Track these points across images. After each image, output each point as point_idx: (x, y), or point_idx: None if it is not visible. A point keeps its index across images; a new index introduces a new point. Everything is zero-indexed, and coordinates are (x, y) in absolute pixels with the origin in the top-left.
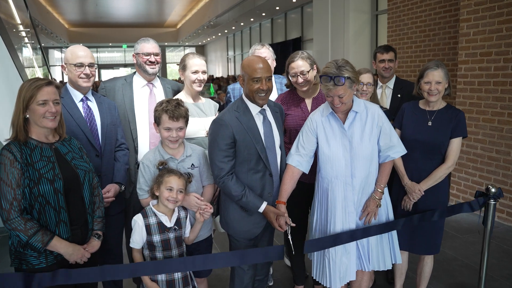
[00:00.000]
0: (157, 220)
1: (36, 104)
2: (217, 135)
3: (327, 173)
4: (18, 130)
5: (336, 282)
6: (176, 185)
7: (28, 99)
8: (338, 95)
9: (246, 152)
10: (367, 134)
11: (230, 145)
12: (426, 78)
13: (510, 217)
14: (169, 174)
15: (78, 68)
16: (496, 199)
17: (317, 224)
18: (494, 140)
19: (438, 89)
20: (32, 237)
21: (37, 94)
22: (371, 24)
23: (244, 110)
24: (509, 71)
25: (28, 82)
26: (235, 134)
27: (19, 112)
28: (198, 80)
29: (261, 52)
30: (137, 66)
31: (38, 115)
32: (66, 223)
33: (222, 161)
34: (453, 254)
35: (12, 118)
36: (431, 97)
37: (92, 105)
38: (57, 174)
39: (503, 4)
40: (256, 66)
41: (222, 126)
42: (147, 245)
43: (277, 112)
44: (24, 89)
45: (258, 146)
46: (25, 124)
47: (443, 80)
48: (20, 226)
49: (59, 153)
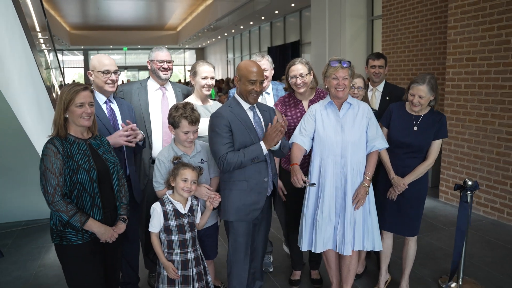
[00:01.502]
0: (173, 208)
1: (74, 106)
2: (215, 126)
3: (321, 153)
4: (59, 127)
5: (320, 247)
6: (190, 176)
7: (68, 102)
8: (343, 77)
9: (241, 139)
10: (358, 122)
11: (228, 132)
12: (411, 90)
13: (493, 211)
14: (184, 167)
15: (105, 74)
16: (472, 191)
17: (309, 199)
18: (479, 139)
19: (420, 102)
20: (72, 217)
21: (75, 98)
22: (367, 29)
23: (236, 105)
24: (492, 75)
25: (67, 87)
26: (231, 123)
27: (60, 112)
28: (207, 85)
29: (261, 63)
30: (151, 72)
31: (76, 115)
32: (99, 207)
33: (224, 145)
34: (439, 244)
35: (54, 118)
36: (414, 107)
37: (114, 107)
38: (92, 165)
39: (486, 13)
40: (252, 70)
41: (218, 118)
42: (164, 229)
43: (265, 111)
44: (64, 94)
45: (251, 134)
46: (65, 122)
47: (427, 95)
48: (62, 207)
49: (93, 147)
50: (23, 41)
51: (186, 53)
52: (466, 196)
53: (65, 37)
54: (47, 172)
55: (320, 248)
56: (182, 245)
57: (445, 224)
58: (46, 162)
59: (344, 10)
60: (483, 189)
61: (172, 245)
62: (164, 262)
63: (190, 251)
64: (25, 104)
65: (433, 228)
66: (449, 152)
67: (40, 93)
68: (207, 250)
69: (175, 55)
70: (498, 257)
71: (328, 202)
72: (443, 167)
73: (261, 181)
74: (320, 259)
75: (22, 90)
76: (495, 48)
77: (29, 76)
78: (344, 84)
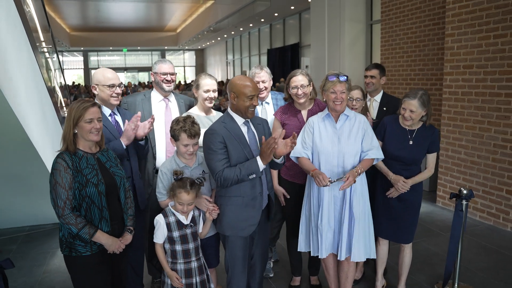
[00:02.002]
0: (176, 219)
1: (84, 122)
2: (210, 142)
3: (318, 163)
4: (69, 143)
5: (322, 252)
6: (186, 200)
7: (78, 118)
8: (340, 91)
9: (236, 156)
10: (354, 134)
11: (223, 148)
12: (403, 104)
13: (490, 216)
14: (180, 190)
15: (110, 88)
16: (467, 200)
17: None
18: (476, 146)
19: (411, 116)
20: (81, 230)
21: (85, 114)
22: (366, 33)
23: (230, 121)
24: (488, 83)
25: (76, 103)
26: (225, 139)
27: (69, 128)
28: (209, 97)
29: (260, 75)
30: (155, 84)
31: (85, 131)
32: (107, 219)
33: (220, 161)
34: (436, 249)
35: (63, 133)
36: (406, 122)
37: (118, 119)
38: (100, 179)
39: (482, 22)
40: (249, 85)
41: (213, 134)
42: (168, 240)
43: (259, 124)
44: (73, 110)
45: (245, 150)
46: (74, 137)
47: (418, 109)
48: (72, 220)
49: (100, 162)
50: (29, 50)
51: (185, 54)
52: (461, 204)
53: (65, 39)
54: (57, 186)
55: (323, 253)
56: (186, 254)
57: (442, 229)
58: (56, 177)
59: (343, 14)
60: (480, 195)
61: (175, 255)
62: (168, 272)
63: (194, 260)
64: (32, 115)
65: (430, 233)
66: (447, 157)
67: (46, 105)
68: (209, 258)
69: (175, 56)
70: (493, 262)
71: (327, 210)
72: (441, 172)
73: (256, 196)
74: (319, 265)
75: (28, 100)
76: (491, 57)
77: (35, 86)
78: (341, 97)
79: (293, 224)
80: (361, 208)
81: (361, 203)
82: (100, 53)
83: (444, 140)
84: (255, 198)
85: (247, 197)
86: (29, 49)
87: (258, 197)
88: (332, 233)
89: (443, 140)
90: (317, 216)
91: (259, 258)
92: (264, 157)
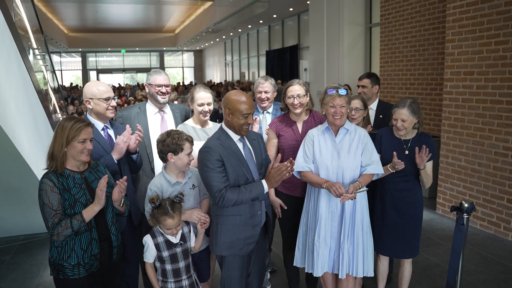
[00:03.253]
0: (165, 239)
1: (77, 141)
2: (207, 161)
3: None
4: (59, 164)
5: (318, 270)
6: (172, 225)
7: (72, 138)
8: (340, 105)
9: (234, 174)
10: (354, 149)
11: (221, 166)
12: (394, 115)
13: (490, 225)
14: (164, 218)
15: (106, 101)
16: (468, 213)
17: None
18: (476, 153)
19: (404, 125)
20: (73, 226)
21: (79, 134)
22: (365, 36)
23: (226, 137)
24: (489, 90)
25: (69, 122)
26: (222, 157)
27: (61, 147)
28: (203, 111)
29: (264, 85)
30: (149, 95)
31: (77, 151)
32: (97, 240)
33: (220, 180)
34: (436, 260)
35: (53, 152)
36: (399, 131)
37: (111, 133)
38: (89, 199)
39: (483, 28)
40: (244, 103)
41: (209, 152)
42: (158, 259)
43: (254, 139)
44: (67, 129)
45: (243, 167)
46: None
47: (409, 118)
48: (60, 229)
49: (87, 181)
50: (18, 59)
51: (184, 55)
52: (463, 218)
53: (63, 40)
54: (45, 207)
55: (319, 272)
56: (176, 273)
57: (442, 238)
58: (43, 197)
59: (342, 17)
60: (480, 203)
61: (166, 274)
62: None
63: (184, 279)
64: (22, 128)
65: (430, 242)
66: (447, 164)
67: (37, 115)
68: (202, 273)
69: (174, 57)
70: (494, 274)
71: (324, 226)
72: (440, 179)
73: (255, 215)
74: (316, 279)
75: (19, 112)
76: (492, 63)
77: (25, 96)
78: (341, 112)
79: (288, 237)
80: (360, 224)
81: (360, 219)
82: (98, 54)
83: (444, 147)
84: (253, 216)
85: (246, 216)
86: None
87: (257, 215)
88: (328, 251)
89: (443, 147)
90: (314, 232)
91: (256, 276)
92: (272, 182)
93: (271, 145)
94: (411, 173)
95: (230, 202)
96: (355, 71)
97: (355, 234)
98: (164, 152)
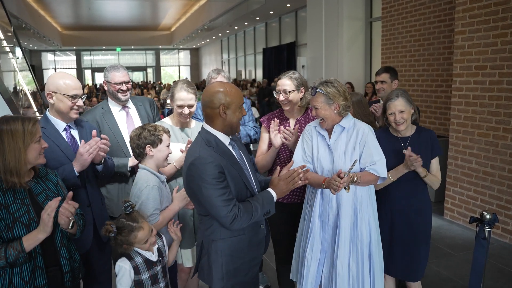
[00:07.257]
0: (144, 258)
1: (34, 142)
2: (208, 176)
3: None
4: (21, 176)
5: (307, 285)
6: (147, 235)
7: (31, 139)
8: (314, 106)
9: (234, 185)
10: (350, 150)
11: (224, 180)
12: (389, 110)
13: (505, 233)
14: (134, 235)
15: (72, 99)
16: (491, 225)
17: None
18: (489, 155)
19: (403, 117)
20: (9, 257)
21: (36, 132)
22: (365, 31)
23: (217, 144)
24: (504, 86)
25: (15, 123)
26: (224, 169)
27: (19, 155)
28: (183, 113)
29: (217, 79)
30: (109, 93)
31: (36, 153)
32: (42, 268)
33: (226, 202)
34: (448, 274)
35: (9, 166)
36: (399, 127)
37: (75, 134)
38: (33, 218)
39: (498, 18)
40: (240, 94)
41: (206, 164)
42: (135, 284)
43: (236, 140)
44: (19, 131)
45: (242, 176)
46: None
47: (406, 107)
48: None
49: (32, 194)
50: None
51: (180, 54)
52: (484, 232)
53: (57, 38)
54: None
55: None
56: None
57: (453, 248)
58: None
59: (341, 12)
60: (494, 209)
61: None
62: None
63: None
64: None
65: (440, 253)
66: (455, 167)
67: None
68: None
69: (170, 56)
70: None
71: (316, 237)
72: (449, 182)
73: (259, 231)
74: None
75: None
76: (508, 56)
77: None
78: (317, 114)
79: (280, 249)
80: (367, 238)
81: (367, 230)
82: (93, 52)
83: (452, 147)
84: (257, 232)
85: (249, 234)
86: None
87: (260, 230)
88: (316, 265)
89: (451, 148)
90: (306, 243)
91: None
92: (280, 191)
93: (262, 141)
94: (417, 174)
95: (245, 222)
96: (355, 68)
97: (358, 249)
98: (142, 146)
